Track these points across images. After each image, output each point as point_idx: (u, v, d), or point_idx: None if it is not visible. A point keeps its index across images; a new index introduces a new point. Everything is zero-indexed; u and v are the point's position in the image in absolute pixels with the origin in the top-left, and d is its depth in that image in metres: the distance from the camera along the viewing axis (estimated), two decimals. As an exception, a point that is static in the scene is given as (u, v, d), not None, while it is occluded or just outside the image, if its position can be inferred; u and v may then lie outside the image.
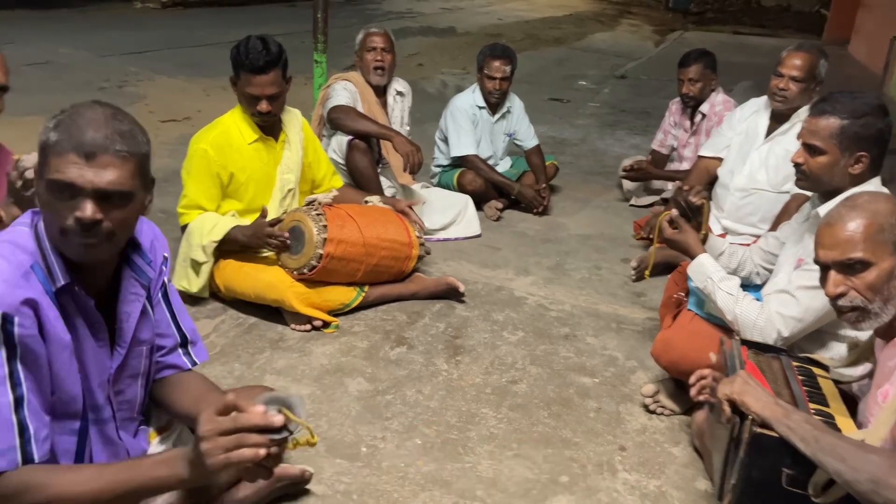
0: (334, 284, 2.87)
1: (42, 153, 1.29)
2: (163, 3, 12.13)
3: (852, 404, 1.76)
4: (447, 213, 3.82)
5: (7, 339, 1.24)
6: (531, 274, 3.47)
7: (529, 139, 4.33)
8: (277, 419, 1.19)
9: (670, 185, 4.18)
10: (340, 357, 2.64)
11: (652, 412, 2.41)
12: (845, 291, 1.61)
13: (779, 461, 1.55)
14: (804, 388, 1.77)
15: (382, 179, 3.69)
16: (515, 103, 4.33)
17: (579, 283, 3.40)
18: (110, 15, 10.88)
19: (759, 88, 3.51)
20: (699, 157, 3.60)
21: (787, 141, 3.03)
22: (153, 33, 9.49)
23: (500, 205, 4.17)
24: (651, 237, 2.34)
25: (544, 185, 4.22)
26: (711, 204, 3.37)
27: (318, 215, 2.80)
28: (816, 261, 1.68)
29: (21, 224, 1.37)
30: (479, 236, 3.85)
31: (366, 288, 2.96)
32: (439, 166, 4.31)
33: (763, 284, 2.36)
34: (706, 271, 2.24)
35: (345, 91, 3.61)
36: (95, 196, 1.27)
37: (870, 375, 1.73)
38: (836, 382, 1.83)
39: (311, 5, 4.57)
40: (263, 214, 2.77)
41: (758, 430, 1.56)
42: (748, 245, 2.58)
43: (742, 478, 1.59)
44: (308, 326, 2.79)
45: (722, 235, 2.97)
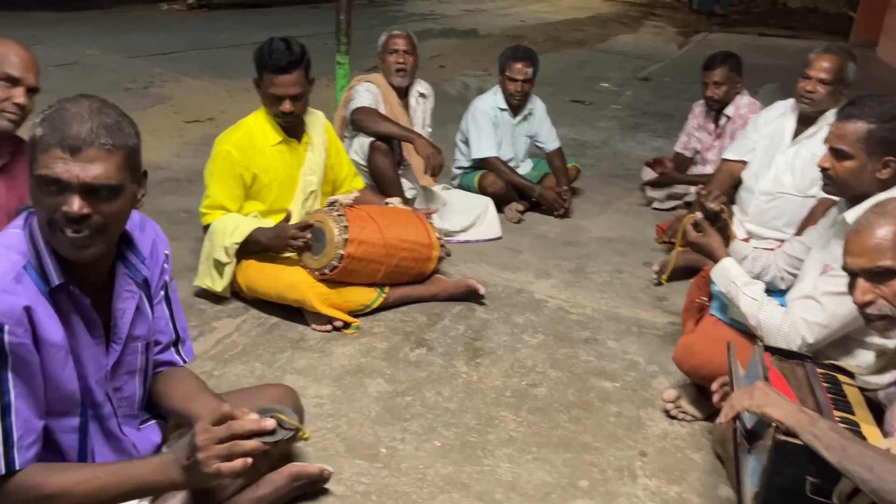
0: (355, 285, 2.88)
1: (31, 149, 1.30)
2: (188, 5, 12.28)
3: (878, 412, 1.73)
4: (468, 215, 3.82)
5: None
6: (552, 277, 3.45)
7: (551, 141, 4.31)
8: (269, 423, 1.30)
9: (693, 189, 4.15)
10: (360, 358, 2.65)
11: (673, 418, 2.39)
12: (873, 300, 1.58)
13: (803, 469, 1.53)
14: (829, 396, 1.74)
15: (403, 181, 3.70)
16: (537, 105, 4.32)
17: (600, 287, 3.38)
18: (137, 17, 11.03)
19: (785, 91, 3.47)
20: (723, 161, 3.56)
21: (814, 144, 3.00)
22: (178, 35, 9.60)
23: (521, 207, 4.16)
24: (673, 241, 2.32)
25: (565, 188, 4.21)
26: (735, 208, 3.34)
27: (340, 216, 2.81)
28: (844, 268, 1.65)
29: (13, 227, 1.38)
30: (500, 238, 3.84)
31: (386, 289, 2.97)
32: (460, 168, 4.31)
33: (788, 290, 2.33)
34: (730, 275, 2.22)
35: (367, 93, 3.63)
36: (82, 190, 1.27)
37: (896, 383, 1.70)
38: (862, 390, 1.80)
39: (334, 7, 4.60)
40: (287, 218, 2.79)
41: (781, 438, 1.54)
42: (772, 250, 2.55)
43: (765, 486, 1.57)
44: (329, 327, 2.80)
45: (746, 240, 2.93)
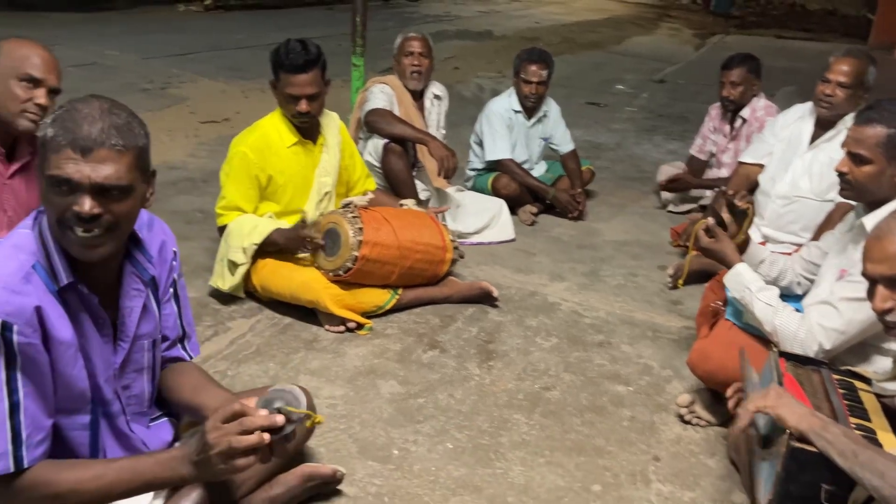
0: (369, 286, 2.89)
1: (42, 149, 1.32)
2: (205, 7, 12.36)
3: (895, 420, 1.71)
4: (481, 217, 3.82)
5: (6, 347, 1.26)
6: (565, 280, 3.44)
7: (565, 144, 4.30)
8: (279, 419, 1.30)
9: (708, 193, 4.13)
10: (373, 359, 2.66)
11: (687, 423, 2.37)
12: (893, 307, 1.57)
13: (818, 476, 1.52)
14: (845, 402, 1.72)
15: (417, 183, 3.70)
16: (552, 108, 4.31)
17: (614, 290, 3.36)
18: (155, 18, 11.11)
19: (803, 94, 3.44)
20: (740, 164, 3.54)
21: (832, 148, 2.97)
22: (195, 36, 9.67)
23: (535, 209, 4.15)
24: (688, 244, 2.31)
25: (580, 190, 4.19)
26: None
27: (354, 217, 2.82)
28: (864, 274, 1.64)
29: (23, 227, 1.40)
30: (514, 241, 3.84)
31: (399, 290, 2.97)
32: (474, 170, 4.31)
33: (804, 295, 2.31)
34: (743, 281, 2.20)
35: (382, 94, 3.64)
36: (93, 190, 1.29)
37: (915, 390, 1.69)
38: (879, 397, 1.79)
39: (349, 9, 4.62)
40: (304, 219, 2.80)
41: (795, 445, 1.53)
42: (789, 254, 2.53)
43: (780, 493, 1.56)
44: (342, 328, 2.81)
45: (762, 244, 2.92)
